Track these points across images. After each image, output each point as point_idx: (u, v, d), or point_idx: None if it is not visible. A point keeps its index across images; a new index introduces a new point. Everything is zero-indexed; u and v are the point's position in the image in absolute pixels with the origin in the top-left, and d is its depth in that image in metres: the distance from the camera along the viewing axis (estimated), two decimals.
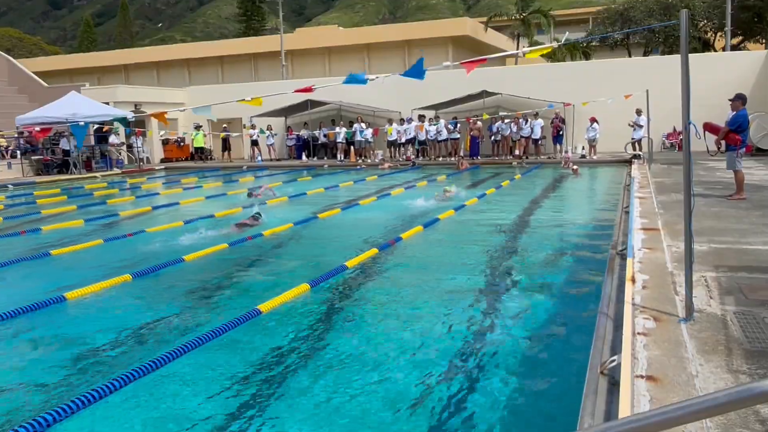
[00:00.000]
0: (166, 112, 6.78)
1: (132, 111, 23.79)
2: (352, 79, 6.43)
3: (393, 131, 23.72)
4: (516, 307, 5.45)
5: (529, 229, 9.29)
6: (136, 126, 26.06)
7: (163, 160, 28.30)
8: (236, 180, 20.21)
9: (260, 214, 10.65)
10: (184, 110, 7.15)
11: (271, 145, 26.75)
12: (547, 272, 6.63)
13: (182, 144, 28.87)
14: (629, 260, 5.47)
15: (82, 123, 6.47)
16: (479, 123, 22.86)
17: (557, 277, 6.44)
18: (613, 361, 3.45)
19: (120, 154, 25.89)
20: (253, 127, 26.12)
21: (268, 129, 26.16)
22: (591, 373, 3.45)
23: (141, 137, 27.02)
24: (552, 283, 6.18)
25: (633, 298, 4.39)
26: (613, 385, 3.27)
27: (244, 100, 6.05)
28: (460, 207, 11.43)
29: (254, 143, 26.49)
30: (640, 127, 19.64)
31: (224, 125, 26.87)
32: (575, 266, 6.89)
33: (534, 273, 6.62)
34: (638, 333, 3.72)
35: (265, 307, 5.35)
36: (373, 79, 5.78)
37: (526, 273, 6.65)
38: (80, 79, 38.44)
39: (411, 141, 23.93)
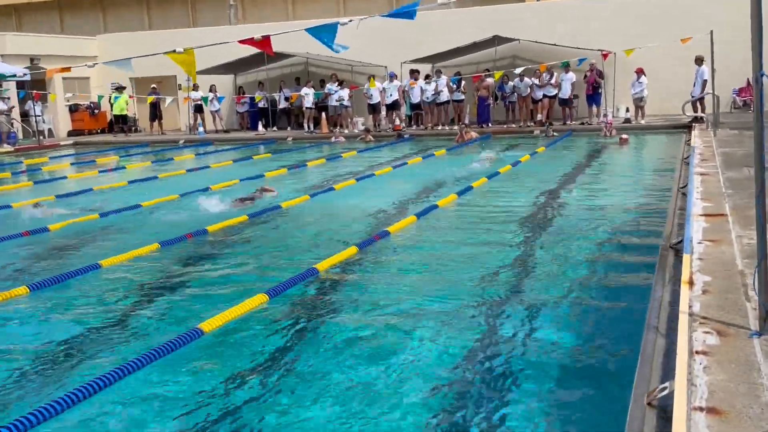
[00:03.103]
0: (68, 69, 6.69)
1: (27, 67, 23.50)
2: (321, 34, 6.38)
3: (374, 90, 23.62)
4: (539, 320, 5.47)
5: (556, 218, 9.33)
6: (33, 87, 25.80)
7: (71, 133, 28.07)
8: (170, 159, 20.09)
9: (265, 188, 11.77)
10: (94, 65, 7.07)
11: (216, 111, 26.60)
12: (579, 273, 6.66)
13: (97, 111, 28.61)
14: (686, 256, 5.50)
15: None
16: (489, 80, 22.89)
17: (592, 280, 6.47)
18: (665, 388, 3.47)
19: (12, 125, 25.60)
20: (195, 88, 25.90)
21: (211, 91, 25.99)
22: (635, 405, 3.47)
23: (40, 103, 26.69)
24: (585, 288, 6.21)
25: (690, 306, 4.42)
26: (664, 419, 3.30)
27: (173, 52, 5.99)
28: (466, 190, 11.46)
29: (198, 110, 26.32)
30: (703, 80, 19.75)
31: (153, 86, 26.67)
32: (615, 265, 6.93)
33: (562, 275, 6.65)
34: (697, 352, 3.74)
35: (208, 325, 5.33)
36: (345, 24, 5.73)
37: (551, 275, 6.68)
38: None
39: (395, 105, 23.86)
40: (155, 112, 26.76)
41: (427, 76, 23.81)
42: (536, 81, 22.57)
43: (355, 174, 14.53)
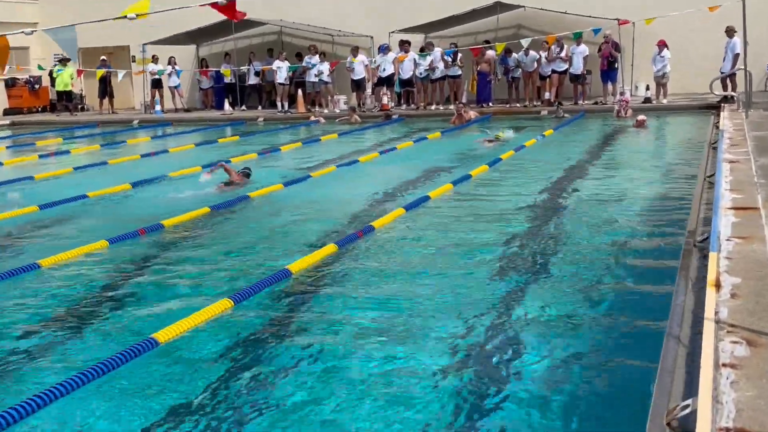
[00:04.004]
0: (3, 39, 6.63)
1: None
2: None
3: (358, 64, 23.57)
4: (545, 327, 5.48)
5: (566, 212, 9.36)
6: None
7: (7, 111, 27.87)
8: (122, 142, 20.00)
9: (250, 170, 12.30)
10: (32, 32, 7.01)
11: (175, 87, 26.49)
12: (592, 275, 6.67)
13: (37, 86, 28.41)
14: (712, 255, 5.52)
15: None
16: (491, 53, 22.89)
17: (605, 282, 6.49)
18: (686, 406, 3.47)
19: None
20: (154, 59, 25.75)
21: (169, 63, 25.87)
22: (653, 425, 3.48)
23: None
24: (598, 292, 6.23)
25: (717, 312, 4.43)
26: None
27: (125, 18, 5.94)
28: (463, 179, 11.48)
29: (155, 85, 26.17)
30: (734, 54, 19.83)
31: (102, 57, 26.50)
32: (632, 265, 6.94)
33: (572, 276, 6.67)
34: (724, 364, 3.75)
35: (164, 335, 5.30)
36: None
37: (559, 276, 6.70)
38: None
39: (388, 81, 23.82)
40: (105, 88, 26.60)
41: (422, 48, 23.77)
42: (544, 54, 22.58)
43: (336, 160, 14.51)
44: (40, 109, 28.63)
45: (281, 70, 24.56)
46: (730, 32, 19.88)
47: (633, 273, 6.72)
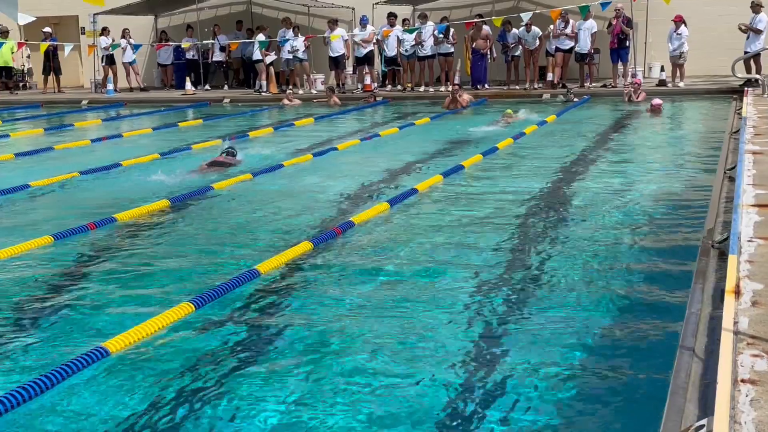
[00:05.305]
0: None
1: None
2: None
3: (339, 40, 23.54)
4: (546, 339, 5.49)
5: (568, 209, 9.38)
6: None
7: None
8: (69, 125, 19.88)
9: (234, 149, 12.92)
10: None
11: (130, 63, 26.36)
12: (598, 280, 6.70)
13: None
14: (732, 258, 5.54)
15: None
16: (487, 28, 22.88)
17: (612, 288, 6.51)
18: (701, 427, 3.50)
19: None
20: (104, 32, 25.61)
21: (123, 36, 25.73)
22: None
23: None
24: (605, 299, 6.24)
25: (736, 322, 4.45)
26: None
27: None
28: (454, 170, 11.49)
29: (109, 61, 26.00)
30: (759, 33, 19.90)
31: (46, 29, 26.30)
32: (642, 269, 6.97)
33: (575, 282, 6.70)
34: (743, 380, 3.77)
35: (115, 344, 5.28)
36: None
37: (562, 281, 6.72)
38: None
39: (366, 60, 23.76)
40: (50, 64, 26.39)
41: (404, 21, 23.70)
42: (550, 29, 22.46)
43: (312, 147, 14.49)
44: None
45: (252, 46, 24.45)
46: (756, 7, 19.95)
47: (643, 278, 6.74)
